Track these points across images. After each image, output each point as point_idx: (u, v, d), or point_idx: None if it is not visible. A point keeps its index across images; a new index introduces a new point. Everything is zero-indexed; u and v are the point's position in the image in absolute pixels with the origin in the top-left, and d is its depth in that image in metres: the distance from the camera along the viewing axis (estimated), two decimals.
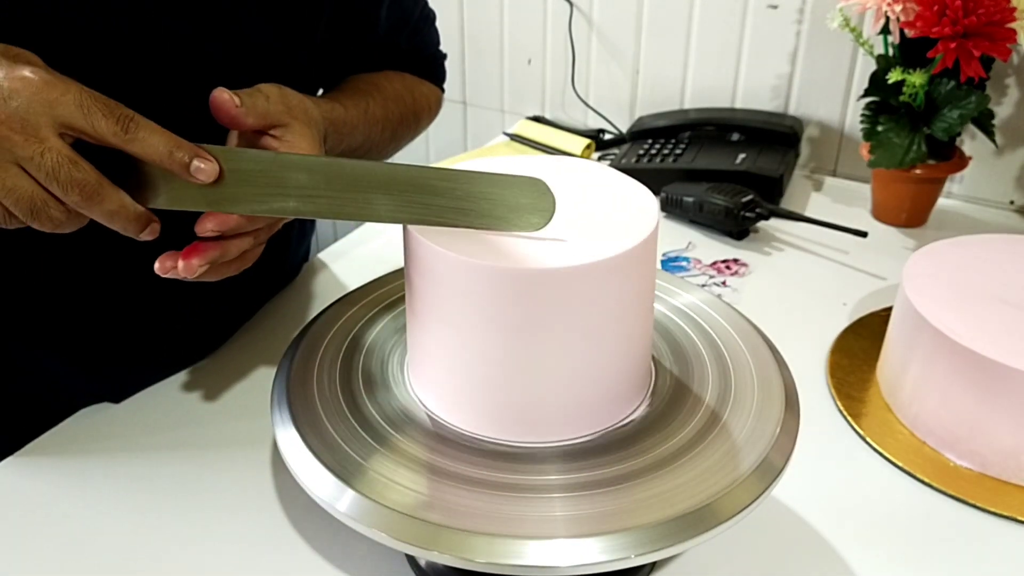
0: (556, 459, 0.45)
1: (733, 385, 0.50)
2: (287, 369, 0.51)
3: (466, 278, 0.43)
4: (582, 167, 0.52)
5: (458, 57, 1.29)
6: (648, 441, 0.46)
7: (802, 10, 1.02)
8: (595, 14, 1.16)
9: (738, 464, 0.44)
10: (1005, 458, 0.58)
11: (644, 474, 0.44)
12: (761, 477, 0.44)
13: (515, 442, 0.46)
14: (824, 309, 0.79)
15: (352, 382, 0.50)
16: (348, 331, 0.55)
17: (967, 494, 0.58)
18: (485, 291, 0.43)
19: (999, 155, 0.99)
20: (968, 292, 0.64)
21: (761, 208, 0.89)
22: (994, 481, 0.59)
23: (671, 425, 0.48)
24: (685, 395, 0.50)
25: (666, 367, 0.52)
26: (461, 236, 0.45)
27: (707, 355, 0.53)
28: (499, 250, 0.44)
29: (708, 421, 0.48)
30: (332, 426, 0.47)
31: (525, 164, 0.51)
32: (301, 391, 0.49)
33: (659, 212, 0.47)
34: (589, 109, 1.22)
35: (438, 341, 0.46)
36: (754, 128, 1.04)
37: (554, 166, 0.52)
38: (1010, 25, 0.81)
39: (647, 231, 0.45)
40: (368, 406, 0.49)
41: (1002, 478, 0.59)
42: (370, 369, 0.52)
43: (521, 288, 0.42)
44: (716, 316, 0.56)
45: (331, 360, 0.52)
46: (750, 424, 0.47)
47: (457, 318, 0.44)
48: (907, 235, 0.93)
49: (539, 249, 0.44)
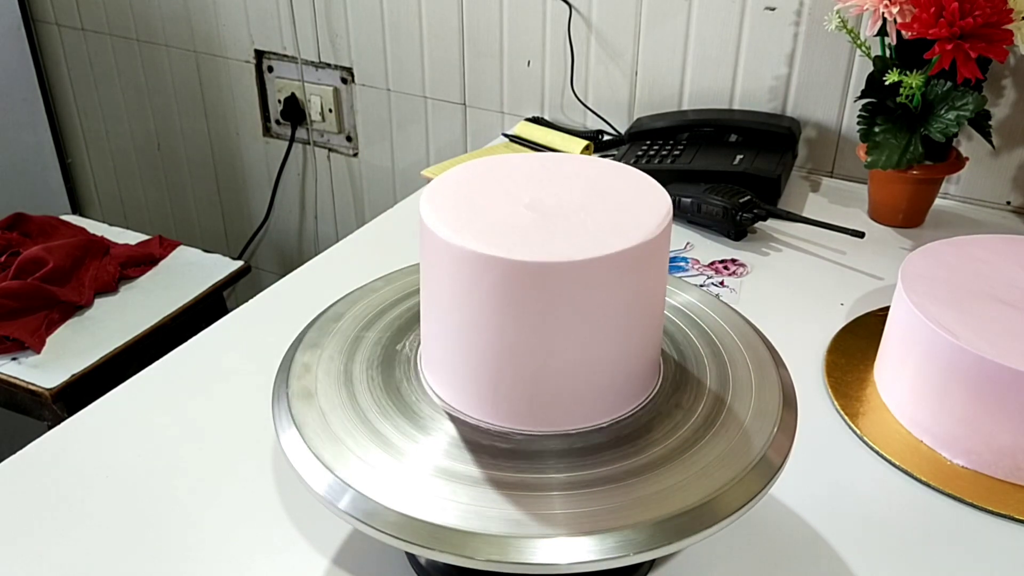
0: (557, 456, 0.46)
1: (731, 385, 0.51)
2: (288, 366, 0.52)
3: (475, 269, 0.43)
4: (592, 163, 0.53)
5: (458, 58, 1.30)
6: (647, 438, 0.47)
7: (799, 12, 1.03)
8: (594, 16, 1.17)
9: (736, 462, 0.45)
10: (1002, 457, 0.59)
11: (643, 472, 0.44)
12: (759, 475, 0.44)
13: (526, 431, 0.47)
14: (821, 309, 0.79)
15: (354, 379, 0.51)
16: (354, 326, 0.55)
17: (964, 493, 0.58)
18: (496, 283, 0.43)
19: (996, 156, 1.00)
20: (965, 292, 0.64)
21: (759, 209, 0.90)
22: (991, 480, 0.59)
23: (669, 424, 0.48)
24: (687, 393, 0.50)
25: (673, 360, 0.53)
26: (473, 226, 0.45)
27: (705, 353, 0.53)
28: (512, 241, 0.44)
29: (707, 420, 0.48)
30: (333, 424, 0.47)
31: (539, 160, 0.51)
32: (303, 387, 0.50)
33: (671, 207, 0.47)
34: (588, 110, 1.23)
35: (451, 331, 0.46)
36: (752, 129, 1.04)
37: (566, 162, 0.52)
38: (1007, 27, 0.81)
39: (659, 226, 0.45)
40: (372, 402, 0.49)
41: (998, 477, 0.59)
42: (376, 364, 0.52)
43: (532, 281, 0.43)
44: (714, 315, 0.57)
45: (334, 355, 0.52)
46: (748, 423, 0.48)
47: (469, 309, 0.45)
48: (904, 235, 0.94)
49: (552, 241, 0.44)
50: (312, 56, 1.43)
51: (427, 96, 1.37)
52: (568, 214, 0.46)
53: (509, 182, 0.50)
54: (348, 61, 1.40)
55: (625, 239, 0.44)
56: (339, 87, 1.44)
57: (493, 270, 0.43)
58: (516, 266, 0.42)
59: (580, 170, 0.51)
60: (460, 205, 0.47)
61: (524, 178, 0.50)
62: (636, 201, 0.48)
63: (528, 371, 0.45)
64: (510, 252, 0.43)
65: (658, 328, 0.50)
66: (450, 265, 0.45)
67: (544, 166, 0.51)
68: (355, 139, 1.48)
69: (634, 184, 0.50)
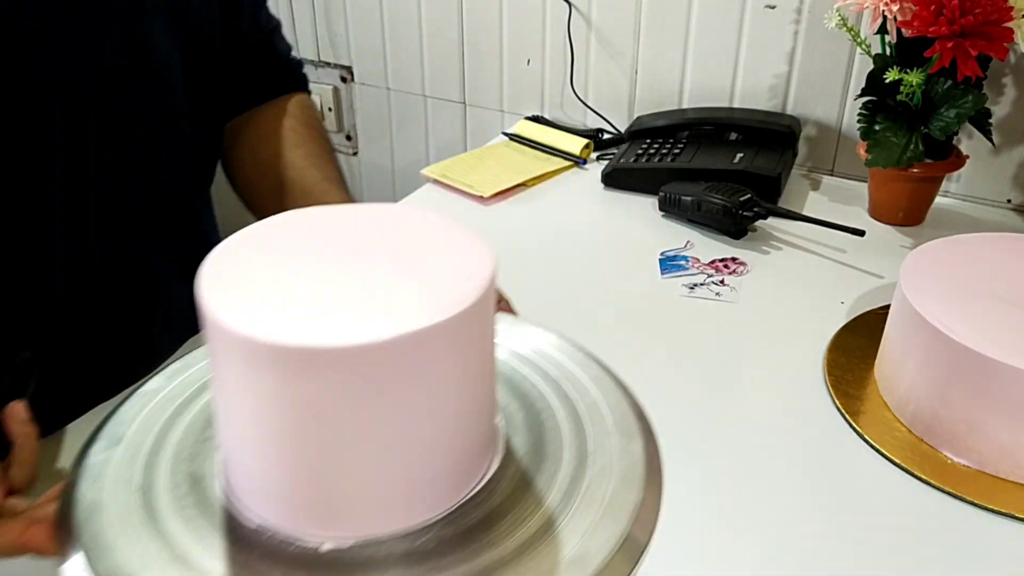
0: (382, 564, 0.39)
1: (590, 453, 0.44)
2: (78, 472, 0.43)
3: (244, 354, 0.36)
4: (411, 217, 0.45)
5: (458, 57, 1.30)
6: (493, 531, 0.40)
7: (800, 10, 1.03)
8: (594, 14, 1.17)
9: (598, 547, 0.39)
10: (1002, 455, 0.59)
11: (491, 572, 0.38)
12: (625, 557, 0.39)
13: (345, 538, 0.39)
14: (822, 307, 0.79)
15: (154, 485, 0.42)
16: (157, 419, 0.47)
17: (964, 491, 0.58)
18: (266, 372, 0.36)
19: (996, 154, 0.99)
20: (965, 290, 0.64)
21: (759, 207, 0.90)
22: (991, 478, 0.59)
23: (519, 509, 0.41)
24: (537, 466, 0.44)
25: (517, 420, 0.46)
26: (245, 301, 0.37)
27: (559, 415, 0.47)
28: (291, 318, 0.36)
29: (562, 498, 0.41)
30: (123, 547, 0.39)
31: (343, 215, 0.45)
32: (94, 501, 0.42)
33: (494, 269, 0.39)
34: (588, 109, 1.23)
35: (241, 431, 0.39)
36: (752, 127, 1.04)
37: (379, 216, 0.45)
38: (1007, 24, 0.81)
39: (473, 295, 0.38)
40: (170, 514, 0.41)
41: (999, 475, 0.59)
42: (177, 466, 0.44)
43: (304, 369, 0.35)
44: (570, 366, 0.50)
45: (130, 458, 0.44)
46: (608, 499, 0.41)
47: (242, 401, 0.38)
48: (904, 234, 0.93)
49: (335, 319, 0.36)
50: (311, 55, 1.43)
51: (427, 95, 1.37)
52: (368, 284, 0.39)
53: (306, 241, 0.42)
54: (347, 60, 1.40)
55: (428, 313, 0.36)
56: (338, 86, 1.44)
57: (261, 356, 0.35)
58: (284, 352, 0.35)
59: (392, 227, 0.44)
60: (240, 272, 0.39)
61: (323, 239, 0.42)
62: (453, 264, 0.40)
63: (326, 470, 0.38)
64: (276, 335, 0.35)
65: (486, 402, 0.43)
66: (222, 348, 0.38)
67: (349, 222, 0.44)
68: (355, 138, 1.47)
69: (453, 240, 0.42)
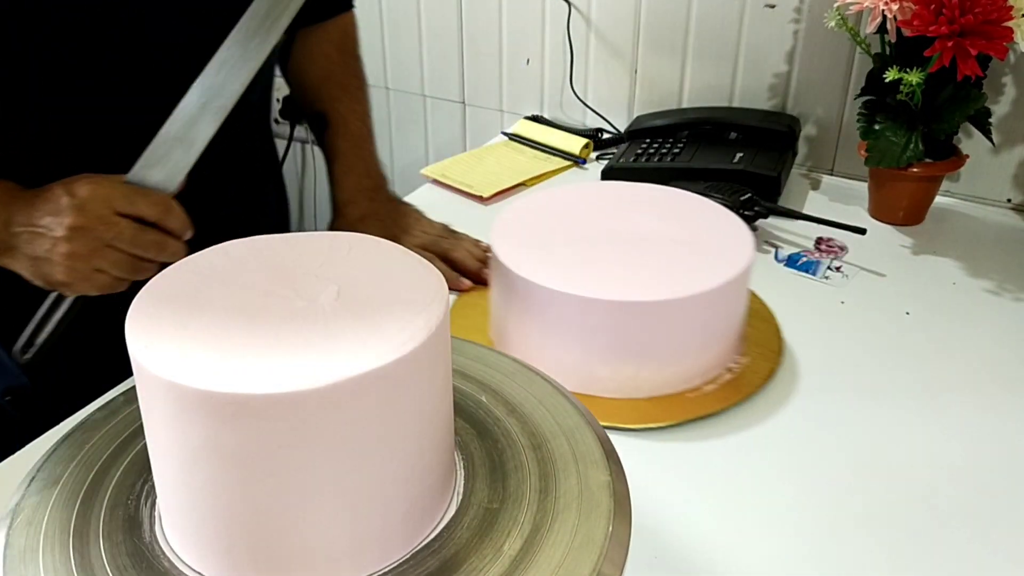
0: None
1: (555, 487, 0.43)
2: (11, 516, 0.41)
3: (174, 402, 0.34)
4: (361, 246, 0.43)
5: (457, 57, 1.30)
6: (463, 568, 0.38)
7: (799, 9, 1.03)
8: (593, 14, 1.16)
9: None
10: (560, 371, 0.56)
11: None
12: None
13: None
14: (822, 306, 0.79)
15: (89, 539, 0.40)
16: (94, 461, 0.44)
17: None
18: (197, 418, 0.34)
19: (996, 153, 0.99)
20: (545, 238, 0.68)
21: (759, 206, 0.90)
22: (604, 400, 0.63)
23: (477, 557, 0.39)
24: (497, 506, 0.42)
25: (477, 457, 0.45)
26: (173, 344, 0.35)
27: (523, 445, 0.46)
28: (221, 363, 0.34)
29: (524, 543, 0.40)
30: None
31: (294, 243, 0.43)
32: (28, 547, 0.40)
33: (447, 304, 0.38)
34: (587, 109, 1.23)
35: (173, 479, 0.38)
36: (752, 127, 1.04)
37: (327, 244, 0.43)
38: (1007, 24, 0.81)
39: (422, 334, 0.36)
40: (101, 566, 0.39)
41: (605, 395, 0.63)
42: (115, 515, 0.41)
43: (238, 417, 0.33)
44: (534, 398, 0.49)
45: (66, 503, 0.42)
46: (575, 535, 0.40)
47: (181, 452, 0.36)
48: (905, 233, 0.93)
49: (275, 361, 0.34)
50: None
51: (426, 95, 1.37)
52: (307, 324, 0.37)
53: (244, 276, 0.40)
54: None
55: (370, 357, 0.34)
56: None
57: (188, 403, 0.34)
58: (212, 399, 0.33)
59: (340, 259, 0.42)
60: (171, 311, 0.37)
61: (264, 273, 0.41)
62: (400, 302, 0.38)
63: (268, 522, 0.36)
64: (204, 381, 0.33)
65: (438, 445, 0.41)
66: (150, 393, 0.36)
67: (295, 254, 0.42)
68: None
69: (405, 275, 0.40)
